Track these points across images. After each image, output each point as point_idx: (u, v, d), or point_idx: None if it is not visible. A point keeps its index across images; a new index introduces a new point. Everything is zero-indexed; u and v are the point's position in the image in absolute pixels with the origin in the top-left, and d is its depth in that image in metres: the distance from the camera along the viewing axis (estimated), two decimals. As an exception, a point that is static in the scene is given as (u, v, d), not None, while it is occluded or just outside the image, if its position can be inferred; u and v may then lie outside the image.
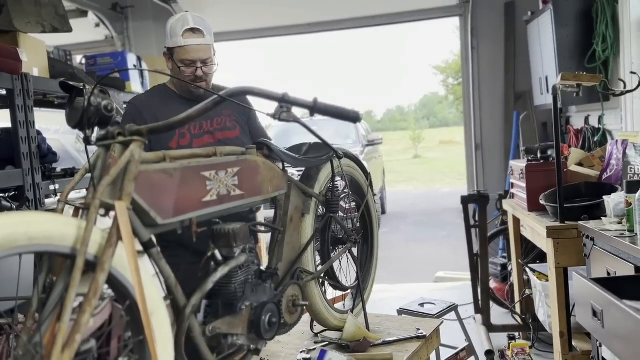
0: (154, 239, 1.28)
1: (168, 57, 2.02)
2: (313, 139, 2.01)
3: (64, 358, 0.99)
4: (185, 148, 1.89)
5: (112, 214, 1.16)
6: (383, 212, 10.54)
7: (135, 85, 3.62)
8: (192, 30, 1.96)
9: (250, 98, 1.61)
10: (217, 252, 1.45)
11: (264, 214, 3.33)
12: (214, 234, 1.48)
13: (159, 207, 1.24)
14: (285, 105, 1.24)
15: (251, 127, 2.15)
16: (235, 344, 1.46)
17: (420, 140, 30.58)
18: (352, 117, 1.32)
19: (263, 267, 1.69)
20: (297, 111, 1.32)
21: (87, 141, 1.20)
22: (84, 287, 1.05)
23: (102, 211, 1.14)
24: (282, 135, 7.16)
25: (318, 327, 2.04)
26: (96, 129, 1.22)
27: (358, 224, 2.18)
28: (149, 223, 1.24)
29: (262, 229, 1.84)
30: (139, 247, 1.21)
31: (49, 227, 1.01)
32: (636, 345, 1.50)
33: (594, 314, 1.75)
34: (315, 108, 1.27)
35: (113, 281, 1.13)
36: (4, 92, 2.40)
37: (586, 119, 4.07)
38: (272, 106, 1.29)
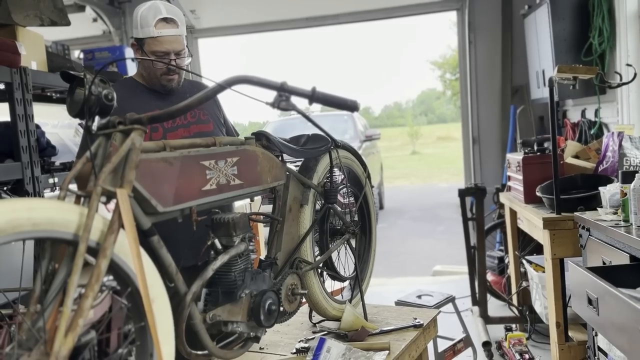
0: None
1: (137, 48, 1.90)
2: (309, 132, 2.04)
3: (67, 342, 1.00)
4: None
5: (113, 201, 1.17)
6: (381, 207, 10.57)
7: (133, 80, 3.62)
8: (165, 20, 1.85)
9: (247, 88, 1.62)
10: (216, 241, 1.47)
11: (262, 209, 3.34)
12: (214, 223, 1.50)
13: (160, 195, 1.25)
14: (283, 94, 1.25)
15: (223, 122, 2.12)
16: (235, 331, 1.47)
17: (418, 136, 30.61)
18: (350, 106, 1.34)
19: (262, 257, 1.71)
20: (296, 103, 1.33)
21: (88, 130, 1.21)
22: (84, 278, 1.07)
23: (103, 198, 1.16)
24: (279, 132, 7.16)
25: (316, 318, 2.05)
26: (97, 118, 1.22)
27: (356, 216, 2.20)
28: (150, 211, 1.25)
29: (262, 218, 1.86)
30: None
31: (52, 213, 1.02)
32: (631, 332, 1.52)
33: (589, 302, 1.78)
34: (313, 97, 1.28)
35: (115, 268, 1.15)
36: (2, 85, 2.41)
37: (582, 112, 4.10)
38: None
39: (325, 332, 1.95)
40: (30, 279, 2.03)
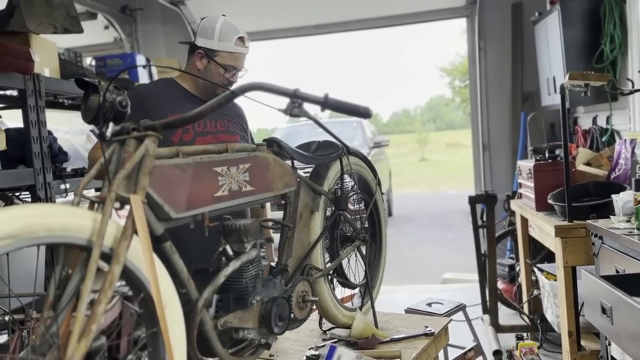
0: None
1: (202, 55, 2.00)
2: (320, 139, 2.04)
3: (81, 347, 1.01)
4: (187, 144, 1.89)
5: (126, 208, 1.18)
6: (389, 214, 10.54)
7: (145, 86, 3.65)
8: (241, 39, 2.00)
9: (259, 95, 1.63)
10: (228, 247, 1.47)
11: (272, 215, 3.35)
12: (225, 229, 1.50)
13: (173, 201, 1.26)
14: (296, 101, 1.26)
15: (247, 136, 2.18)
16: (246, 338, 1.47)
17: (427, 143, 30.56)
18: (362, 113, 1.34)
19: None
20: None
21: (102, 136, 1.22)
22: (97, 284, 1.07)
23: (116, 204, 1.16)
24: (287, 139, 7.18)
25: (327, 325, 2.05)
26: (111, 124, 1.23)
27: (366, 223, 2.20)
28: (163, 217, 1.25)
29: (272, 225, 1.86)
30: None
31: (66, 219, 1.03)
32: (646, 342, 1.50)
33: (603, 311, 1.75)
34: (326, 104, 1.28)
35: (127, 273, 1.15)
36: (16, 92, 2.43)
37: (594, 120, 4.07)
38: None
39: (336, 340, 1.94)
40: (43, 284, 2.04)
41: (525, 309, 3.72)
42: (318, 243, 1.84)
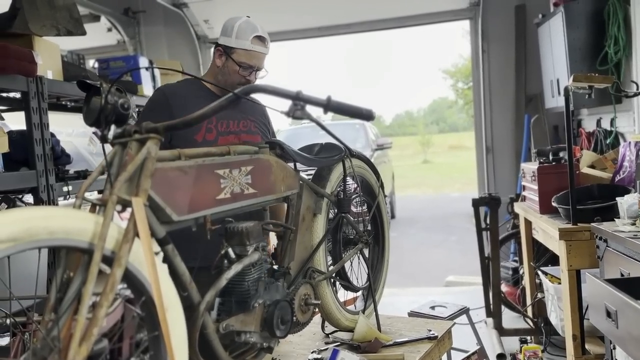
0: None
1: (221, 53, 2.04)
2: (323, 141, 2.04)
3: (82, 351, 1.00)
4: (210, 143, 1.94)
5: (127, 210, 1.17)
6: (392, 216, 10.52)
7: (148, 89, 3.66)
8: (260, 38, 2.02)
9: (263, 97, 1.63)
10: (230, 250, 1.46)
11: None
12: (227, 232, 1.49)
13: (175, 203, 1.25)
14: (299, 103, 1.25)
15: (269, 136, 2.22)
16: (248, 341, 1.46)
17: (430, 145, 30.53)
18: (365, 115, 1.33)
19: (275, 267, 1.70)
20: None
21: (104, 139, 1.21)
22: (99, 287, 1.06)
23: (118, 207, 1.15)
24: (290, 141, 7.18)
25: (329, 328, 2.03)
26: (113, 126, 1.23)
27: (369, 225, 2.19)
28: (165, 220, 1.25)
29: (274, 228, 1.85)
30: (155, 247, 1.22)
31: (68, 221, 1.02)
32: (651, 346, 1.49)
33: (608, 314, 1.74)
34: (329, 106, 1.27)
35: (129, 276, 1.14)
36: (18, 94, 2.43)
37: (598, 122, 4.05)
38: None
39: (338, 343, 1.93)
40: (44, 287, 2.04)
41: (529, 312, 3.70)
42: (320, 246, 1.83)
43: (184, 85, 2.10)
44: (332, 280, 1.94)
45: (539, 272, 3.36)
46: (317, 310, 1.85)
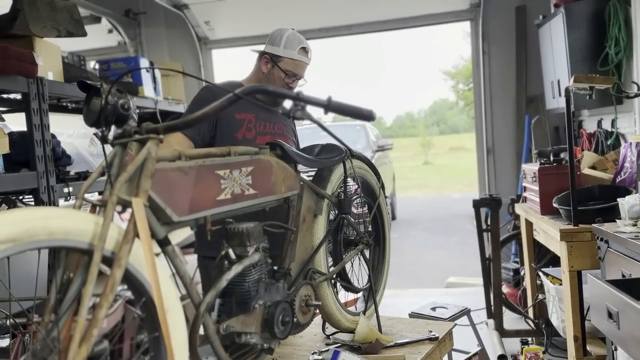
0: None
1: (267, 60, 2.19)
2: (323, 142, 2.04)
3: (81, 352, 1.00)
4: (249, 141, 2.07)
5: (127, 211, 1.17)
6: (393, 218, 10.51)
7: (148, 90, 3.65)
8: (305, 49, 2.19)
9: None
10: (230, 251, 1.46)
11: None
12: (228, 232, 1.49)
13: (175, 204, 1.25)
14: (299, 103, 1.25)
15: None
16: (248, 342, 1.46)
17: (430, 146, 30.52)
18: (366, 116, 1.33)
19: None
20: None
21: (104, 140, 1.21)
22: (99, 288, 1.06)
23: (118, 208, 1.15)
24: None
25: (330, 329, 2.03)
26: (113, 127, 1.23)
27: (370, 226, 2.18)
28: (165, 220, 1.25)
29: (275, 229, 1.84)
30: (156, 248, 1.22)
31: (68, 222, 1.02)
32: (653, 347, 1.48)
33: (610, 315, 1.74)
34: (329, 106, 1.27)
35: (129, 277, 1.14)
36: (19, 95, 2.43)
37: (599, 123, 4.05)
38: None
39: (339, 345, 1.93)
40: (44, 287, 2.04)
41: (530, 314, 3.69)
42: (321, 247, 1.83)
43: (229, 87, 2.13)
44: (332, 281, 1.94)
45: (540, 273, 3.36)
46: (317, 311, 1.85)
